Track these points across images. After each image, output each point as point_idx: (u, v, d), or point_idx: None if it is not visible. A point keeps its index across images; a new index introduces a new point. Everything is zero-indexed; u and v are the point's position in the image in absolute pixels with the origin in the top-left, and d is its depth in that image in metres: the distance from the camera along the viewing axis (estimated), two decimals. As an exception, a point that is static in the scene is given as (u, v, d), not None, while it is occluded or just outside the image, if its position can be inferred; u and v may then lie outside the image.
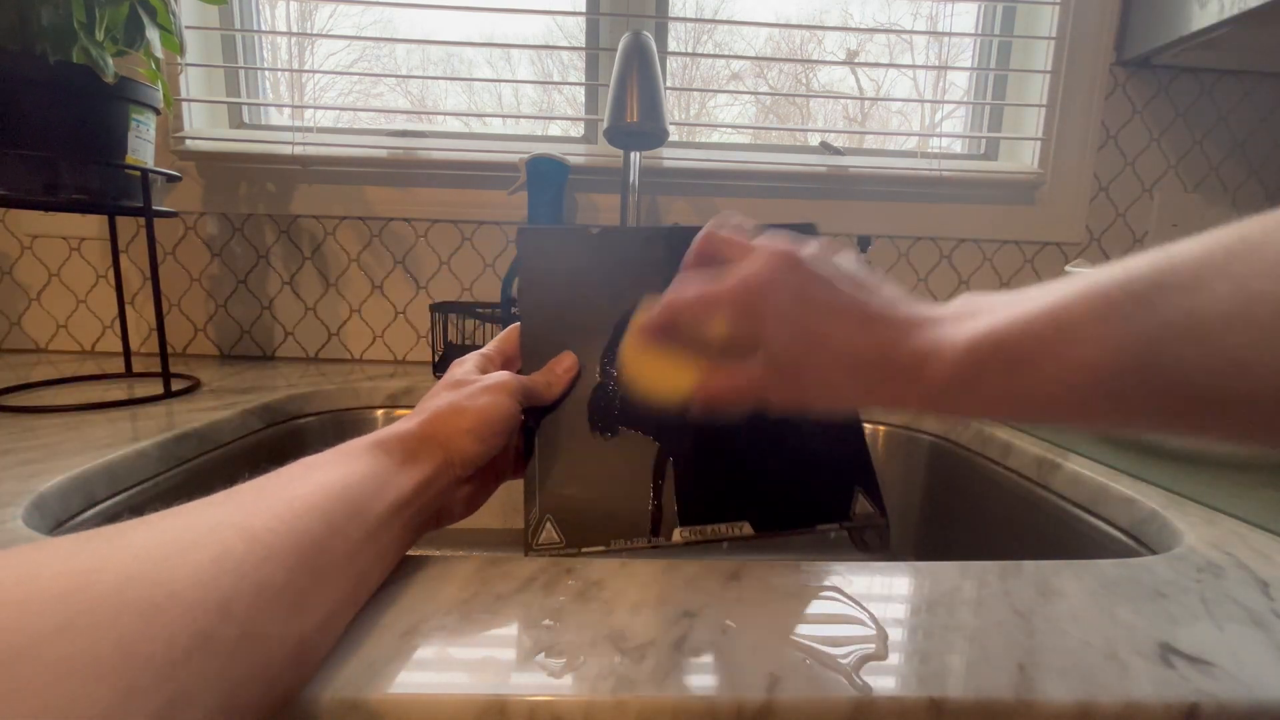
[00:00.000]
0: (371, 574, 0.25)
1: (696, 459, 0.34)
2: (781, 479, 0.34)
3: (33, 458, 0.40)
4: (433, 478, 0.28)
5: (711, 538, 0.32)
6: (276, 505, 0.21)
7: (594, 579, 0.28)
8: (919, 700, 0.21)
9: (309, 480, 0.24)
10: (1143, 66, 0.82)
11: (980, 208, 0.85)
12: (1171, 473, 0.45)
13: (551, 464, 0.33)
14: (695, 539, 0.32)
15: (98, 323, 0.84)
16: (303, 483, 0.23)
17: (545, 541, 0.31)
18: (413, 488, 0.27)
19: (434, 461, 0.29)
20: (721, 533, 0.32)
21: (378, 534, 0.25)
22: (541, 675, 0.21)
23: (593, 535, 0.32)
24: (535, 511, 0.32)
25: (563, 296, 0.37)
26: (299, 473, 0.24)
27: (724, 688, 0.21)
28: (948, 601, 0.27)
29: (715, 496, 0.33)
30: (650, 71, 0.64)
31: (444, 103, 0.92)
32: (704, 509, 0.32)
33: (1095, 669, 0.23)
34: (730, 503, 0.33)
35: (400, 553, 0.28)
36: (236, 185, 0.81)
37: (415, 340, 0.85)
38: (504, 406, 0.31)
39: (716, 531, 0.32)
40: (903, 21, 0.92)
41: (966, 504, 0.59)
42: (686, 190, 0.83)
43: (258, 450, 0.57)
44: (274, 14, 0.87)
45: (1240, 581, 0.30)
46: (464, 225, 0.83)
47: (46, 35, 0.50)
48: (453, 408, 0.30)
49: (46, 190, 0.53)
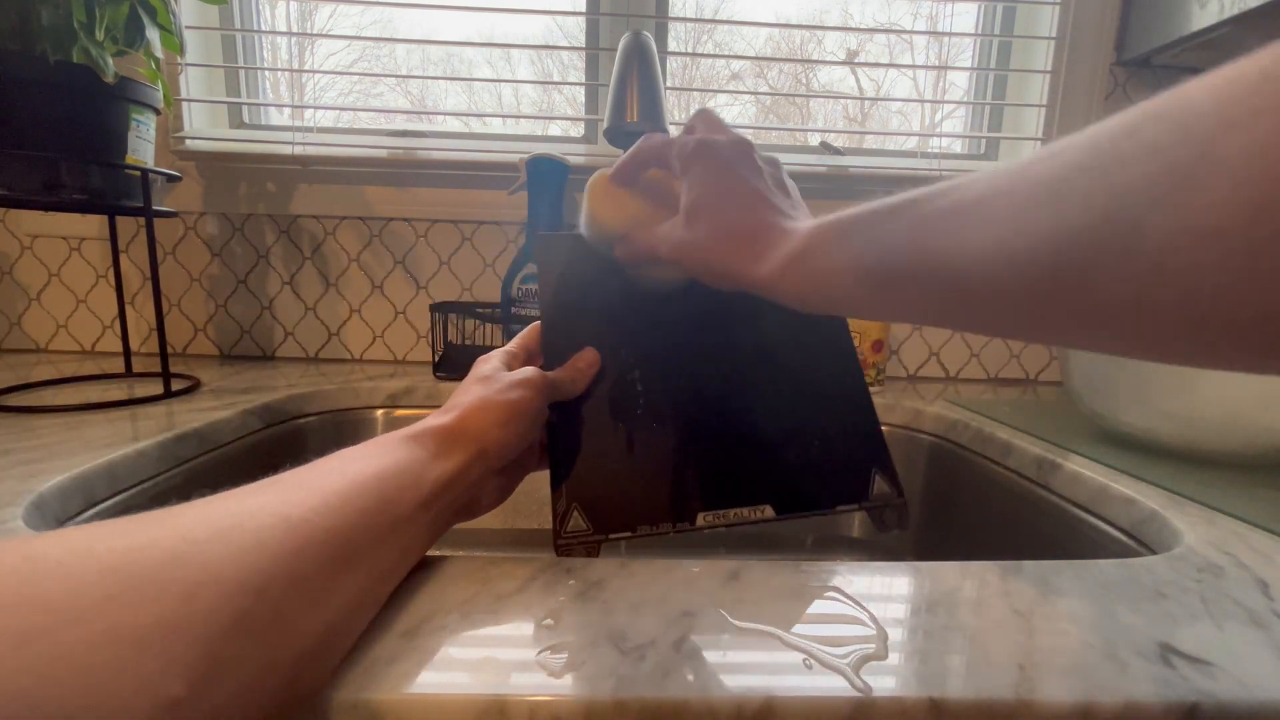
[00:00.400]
0: (398, 566, 0.26)
1: (716, 446, 0.35)
2: (800, 462, 0.34)
3: (33, 458, 0.40)
4: (466, 469, 0.29)
5: (734, 521, 0.33)
6: (313, 496, 0.22)
7: (594, 579, 0.28)
8: (919, 700, 0.21)
9: (345, 472, 0.25)
10: (1143, 66, 0.82)
11: None
12: (1171, 473, 0.45)
13: (576, 455, 0.34)
14: (718, 523, 0.33)
15: (98, 323, 0.84)
16: (339, 474, 0.24)
17: (573, 529, 0.32)
18: (446, 479, 0.28)
19: (468, 454, 0.30)
20: (744, 516, 0.33)
21: (406, 527, 0.25)
22: (541, 675, 0.21)
23: (619, 522, 0.32)
24: (563, 501, 0.33)
25: (580, 297, 0.38)
26: (335, 465, 0.25)
27: (724, 688, 0.21)
28: (948, 601, 0.27)
29: (736, 481, 0.34)
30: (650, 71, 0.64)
31: (444, 103, 0.93)
32: (726, 494, 0.33)
33: (1095, 669, 0.23)
34: (751, 487, 0.33)
35: (428, 543, 0.28)
36: (236, 185, 0.81)
37: (415, 340, 0.85)
38: (533, 400, 0.33)
39: (739, 515, 0.33)
40: (903, 21, 0.92)
41: (966, 504, 0.59)
42: (686, 190, 0.83)
43: (258, 450, 0.57)
44: (274, 14, 0.87)
45: (1240, 581, 0.30)
46: (464, 225, 0.83)
47: (46, 35, 0.50)
48: (485, 402, 0.31)
49: (46, 190, 0.53)
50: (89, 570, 0.15)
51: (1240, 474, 0.45)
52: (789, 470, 0.34)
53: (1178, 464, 0.47)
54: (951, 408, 0.66)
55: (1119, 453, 0.49)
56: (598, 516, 0.32)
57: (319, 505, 0.22)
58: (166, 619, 0.15)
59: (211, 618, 0.16)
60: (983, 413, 0.63)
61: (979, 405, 0.67)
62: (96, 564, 0.16)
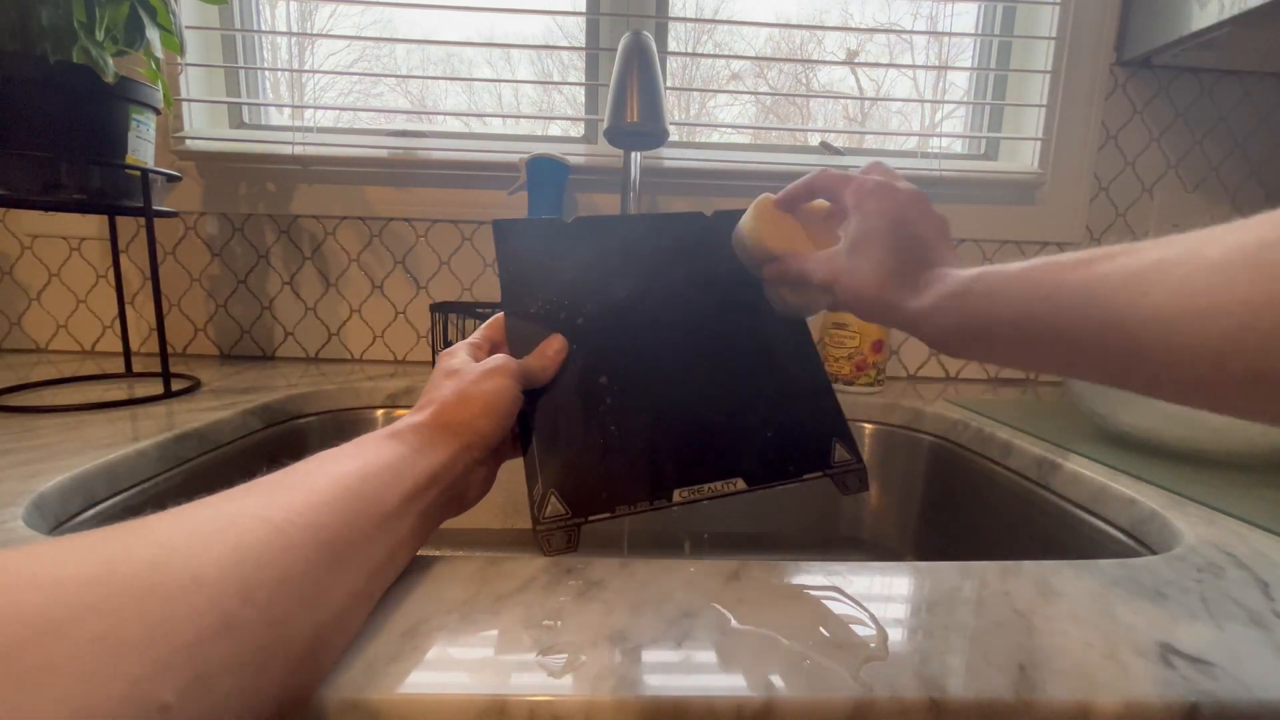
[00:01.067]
0: (389, 563, 0.25)
1: (687, 425, 0.36)
2: (766, 437, 0.36)
3: (33, 458, 0.40)
4: (450, 462, 0.29)
5: (709, 495, 0.34)
6: (295, 497, 0.22)
7: (594, 579, 0.28)
8: (919, 700, 0.21)
9: (326, 472, 0.24)
10: (1143, 66, 0.82)
11: (980, 208, 0.85)
12: (1171, 473, 0.45)
13: (549, 441, 0.34)
14: (694, 498, 0.34)
15: (98, 323, 0.84)
16: (320, 475, 0.24)
17: (551, 514, 0.32)
18: (429, 474, 0.28)
19: (451, 447, 0.30)
20: (718, 490, 0.34)
21: (394, 523, 0.25)
22: (541, 675, 0.21)
23: (596, 504, 0.33)
24: (539, 487, 0.33)
25: (542, 284, 0.38)
26: (316, 466, 0.25)
27: (724, 688, 0.21)
28: (948, 601, 0.27)
29: (708, 458, 0.35)
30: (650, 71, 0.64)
31: (444, 103, 0.93)
32: (699, 470, 0.35)
33: (1095, 669, 0.23)
34: (722, 462, 0.35)
35: (420, 540, 0.28)
36: (236, 185, 0.81)
37: (415, 340, 0.85)
38: (509, 388, 0.33)
39: (713, 489, 0.34)
40: (903, 21, 0.92)
41: (966, 504, 0.59)
42: (687, 190, 0.83)
43: (258, 450, 0.57)
44: (274, 14, 0.87)
45: (1240, 581, 0.30)
46: (464, 225, 0.83)
47: (46, 35, 0.50)
48: (461, 394, 0.31)
49: (46, 190, 0.53)
50: (66, 581, 0.15)
51: (1240, 474, 0.45)
52: (756, 445, 0.36)
53: (1178, 464, 0.47)
54: (952, 408, 0.66)
55: (1119, 453, 0.49)
56: (575, 500, 0.33)
57: (302, 506, 0.22)
58: (151, 626, 0.15)
59: (197, 622, 0.16)
60: (983, 413, 0.63)
61: (979, 405, 0.67)
62: (73, 575, 0.15)
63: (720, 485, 0.34)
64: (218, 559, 0.18)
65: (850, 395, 0.70)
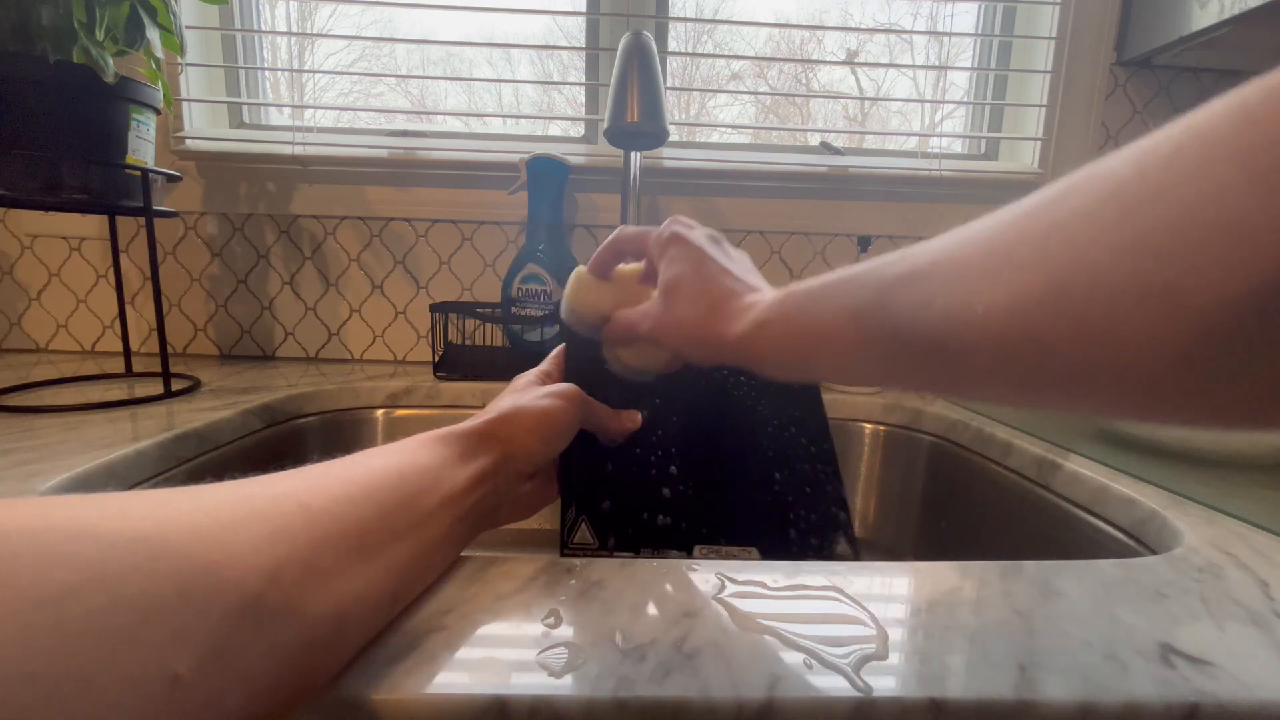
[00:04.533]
0: (419, 563, 0.25)
1: (714, 494, 0.39)
2: (781, 518, 0.39)
3: (33, 458, 0.40)
4: (490, 472, 0.30)
5: (724, 556, 0.37)
6: (334, 487, 0.23)
7: (594, 579, 0.28)
8: (919, 700, 0.21)
9: (369, 466, 0.25)
10: (1143, 66, 0.82)
11: (981, 208, 0.82)
12: (1171, 473, 0.45)
13: (589, 474, 0.37)
14: (710, 555, 0.37)
15: (98, 323, 0.84)
16: (363, 468, 0.25)
17: (580, 541, 0.35)
18: (467, 481, 0.28)
19: (492, 456, 0.30)
20: (734, 554, 0.37)
21: (427, 524, 0.26)
22: (541, 675, 0.21)
23: (623, 541, 0.36)
24: (572, 512, 0.35)
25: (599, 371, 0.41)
26: (361, 459, 0.26)
27: (724, 688, 0.21)
28: (948, 601, 0.27)
29: (729, 525, 0.38)
30: (650, 71, 0.64)
31: (444, 103, 0.93)
32: (719, 533, 0.38)
33: (1095, 669, 0.23)
34: (741, 531, 0.38)
35: (456, 546, 0.28)
36: (236, 185, 0.81)
37: (415, 340, 0.85)
38: (565, 411, 0.34)
39: (729, 553, 0.37)
40: (903, 21, 0.92)
41: (966, 504, 0.59)
42: (687, 190, 0.83)
43: (258, 450, 0.57)
44: (274, 14, 0.87)
45: (1240, 581, 0.30)
46: (464, 225, 0.83)
47: (46, 35, 0.50)
48: (516, 408, 0.33)
49: (46, 190, 0.53)
50: (122, 536, 0.16)
51: (1240, 474, 0.45)
52: (772, 523, 0.39)
53: (1178, 464, 0.47)
54: (952, 408, 0.66)
55: (1119, 453, 0.49)
56: (604, 533, 0.35)
57: (340, 496, 0.22)
58: (183, 592, 0.16)
59: (225, 596, 0.17)
60: (983, 413, 0.63)
61: (979, 405, 0.67)
62: (130, 531, 0.16)
63: (737, 550, 0.37)
64: (253, 539, 0.18)
65: (850, 395, 0.70)
